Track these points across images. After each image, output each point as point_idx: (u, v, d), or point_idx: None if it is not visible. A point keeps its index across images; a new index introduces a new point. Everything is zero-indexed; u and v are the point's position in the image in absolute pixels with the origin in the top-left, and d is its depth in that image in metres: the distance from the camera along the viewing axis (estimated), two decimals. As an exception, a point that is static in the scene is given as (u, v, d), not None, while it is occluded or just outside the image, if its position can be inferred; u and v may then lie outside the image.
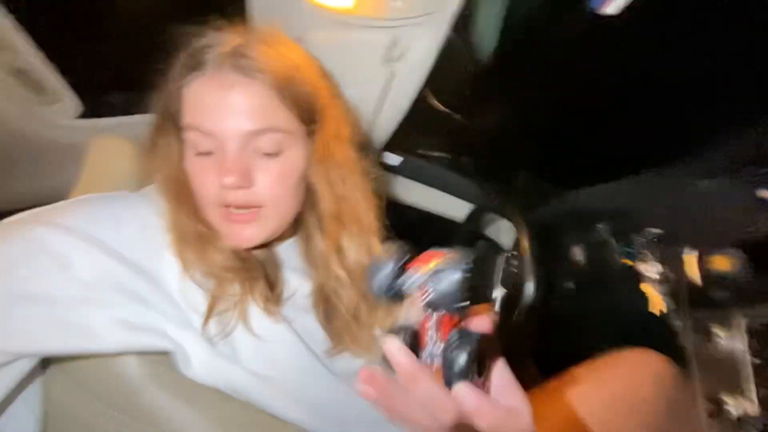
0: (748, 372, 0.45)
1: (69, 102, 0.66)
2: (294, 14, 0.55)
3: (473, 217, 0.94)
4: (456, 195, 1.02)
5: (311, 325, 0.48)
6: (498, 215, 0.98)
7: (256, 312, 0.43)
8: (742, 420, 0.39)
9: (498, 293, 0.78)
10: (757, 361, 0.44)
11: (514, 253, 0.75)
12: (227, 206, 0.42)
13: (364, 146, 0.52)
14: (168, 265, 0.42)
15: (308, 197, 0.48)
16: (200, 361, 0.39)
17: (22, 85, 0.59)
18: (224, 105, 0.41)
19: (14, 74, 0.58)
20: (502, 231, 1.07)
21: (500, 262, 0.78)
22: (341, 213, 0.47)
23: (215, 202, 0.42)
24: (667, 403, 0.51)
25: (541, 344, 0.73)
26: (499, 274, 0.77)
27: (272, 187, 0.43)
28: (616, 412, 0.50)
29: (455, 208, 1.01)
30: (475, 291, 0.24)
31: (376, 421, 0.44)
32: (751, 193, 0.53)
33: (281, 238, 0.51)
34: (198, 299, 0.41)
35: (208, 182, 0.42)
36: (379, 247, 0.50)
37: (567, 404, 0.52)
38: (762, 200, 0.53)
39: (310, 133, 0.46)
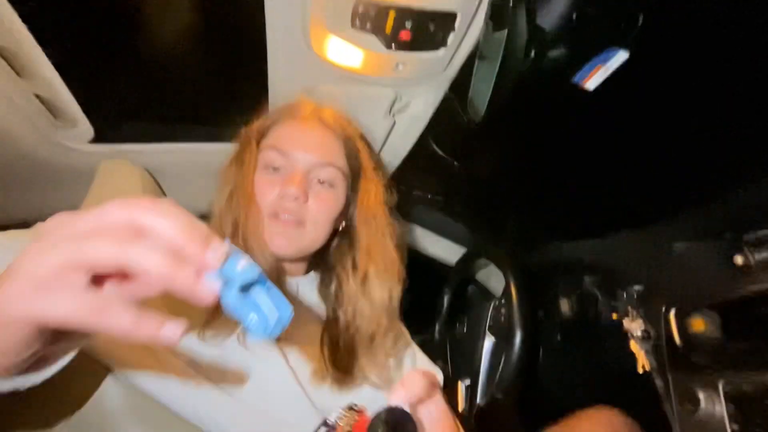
0: (728, 438, 0.45)
1: (83, 127, 0.69)
2: (308, 68, 0.60)
3: (464, 262, 0.96)
4: (448, 238, 1.04)
5: (310, 365, 0.49)
6: (488, 261, 1.01)
7: (248, 342, 0.44)
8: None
9: (487, 341, 0.78)
10: (736, 426, 0.45)
11: (503, 301, 0.76)
12: (278, 214, 0.51)
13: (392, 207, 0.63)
14: None
15: (342, 239, 0.58)
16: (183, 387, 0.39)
17: (40, 109, 0.62)
18: (305, 137, 0.54)
19: (34, 99, 0.61)
20: (492, 276, 1.09)
21: (489, 310, 0.79)
22: (373, 252, 0.55)
23: (269, 209, 0.51)
24: None
25: (527, 396, 0.72)
26: (487, 322, 0.78)
27: (318, 211, 0.52)
28: None
29: (447, 252, 1.04)
30: None
31: None
32: (728, 259, 0.56)
33: (298, 272, 0.58)
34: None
35: (272, 191, 0.51)
36: (399, 292, 0.56)
37: None
38: (736, 266, 0.56)
39: (354, 182, 0.58)
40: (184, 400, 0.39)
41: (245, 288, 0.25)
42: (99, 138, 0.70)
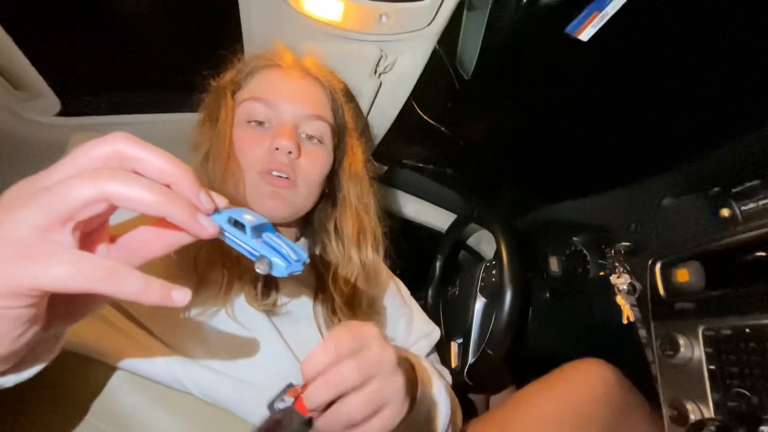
0: (704, 378, 0.48)
1: (47, 99, 0.65)
2: (285, 24, 0.56)
3: (455, 227, 0.96)
4: (439, 205, 1.04)
5: (306, 335, 0.48)
6: (479, 226, 1.01)
7: (240, 312, 0.43)
8: (699, 422, 0.42)
9: (478, 302, 0.80)
10: (712, 367, 0.47)
11: (494, 262, 0.78)
12: (270, 171, 0.46)
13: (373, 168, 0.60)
14: None
15: (326, 201, 0.55)
16: (168, 364, 0.38)
17: (0, 80, 0.58)
18: (291, 86, 0.49)
19: (-8, 69, 0.57)
20: (483, 241, 1.10)
21: (480, 272, 0.80)
22: (357, 213, 0.53)
23: (259, 167, 0.46)
24: (613, 409, 0.55)
25: (517, 350, 0.75)
26: (478, 284, 0.79)
27: (311, 169, 0.48)
28: (570, 423, 0.54)
29: (438, 219, 1.04)
30: None
31: None
32: (714, 212, 0.57)
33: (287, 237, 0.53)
34: None
35: (258, 147, 0.46)
36: (381, 254, 0.55)
37: (529, 413, 0.55)
38: (722, 218, 0.57)
39: (339, 140, 0.53)
40: (179, 380, 0.38)
41: (256, 234, 0.26)
42: (66, 111, 0.66)
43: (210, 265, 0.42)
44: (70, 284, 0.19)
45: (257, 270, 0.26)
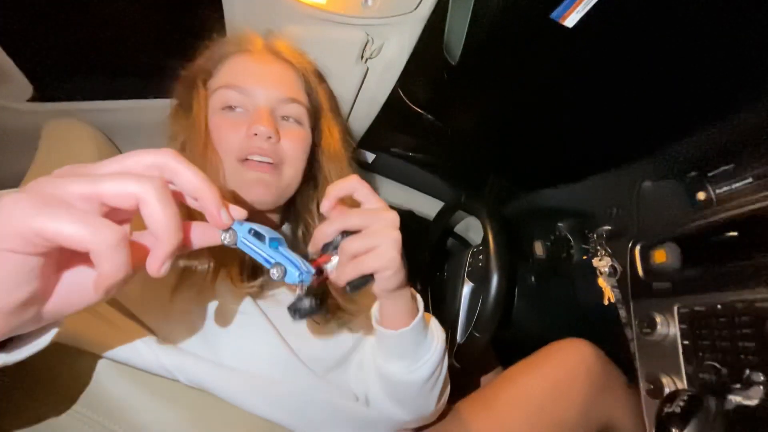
0: (679, 352, 0.50)
1: (19, 84, 0.62)
2: (270, 8, 0.54)
3: (443, 215, 0.97)
4: (428, 193, 1.05)
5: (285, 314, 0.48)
6: (467, 213, 1.02)
7: (227, 298, 0.43)
8: (672, 394, 0.44)
9: (466, 287, 0.81)
10: (686, 342, 0.50)
11: (481, 248, 0.79)
12: (249, 156, 0.46)
13: (350, 148, 0.59)
14: None
15: (308, 183, 0.54)
16: (153, 351, 0.38)
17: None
18: (262, 72, 0.49)
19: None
20: (471, 228, 1.12)
21: (467, 257, 0.81)
22: None
23: (237, 153, 0.46)
24: (593, 385, 0.58)
25: (503, 333, 0.77)
26: (466, 269, 0.81)
27: (294, 150, 0.48)
28: (552, 398, 0.57)
29: (426, 206, 1.04)
30: None
31: (349, 422, 0.45)
32: (691, 195, 0.60)
33: (273, 224, 0.53)
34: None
35: (235, 133, 0.46)
36: None
37: (514, 391, 0.57)
38: (699, 201, 0.59)
39: (315, 121, 0.53)
40: (165, 367, 0.38)
41: (273, 244, 0.29)
42: (40, 96, 0.63)
43: (196, 252, 0.42)
44: (77, 239, 0.20)
45: (272, 276, 0.29)
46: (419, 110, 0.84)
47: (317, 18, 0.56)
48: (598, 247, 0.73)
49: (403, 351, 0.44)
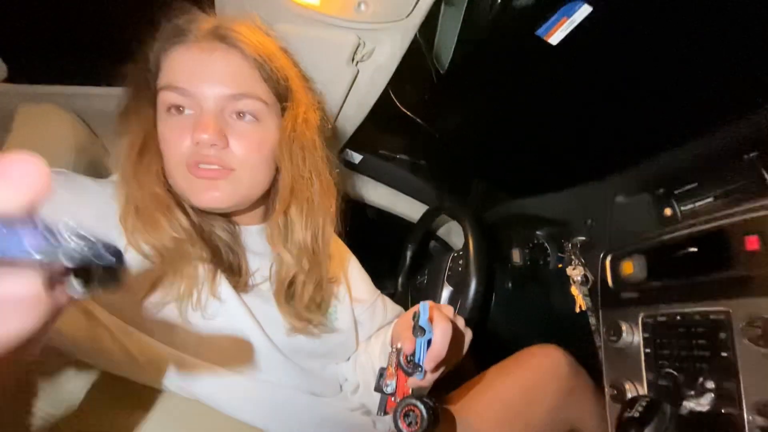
0: (641, 360, 0.53)
1: (-9, 64, 0.59)
2: (262, 5, 0.54)
3: (426, 218, 0.98)
4: (413, 196, 1.06)
5: (274, 313, 0.47)
6: (449, 217, 1.04)
7: (212, 299, 0.42)
8: (633, 399, 0.47)
9: (445, 290, 0.83)
10: (648, 350, 0.53)
11: (461, 253, 0.81)
12: (197, 164, 0.43)
13: (329, 137, 0.54)
14: None
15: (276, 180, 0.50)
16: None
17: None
18: (205, 68, 0.43)
19: None
20: (453, 232, 1.14)
21: (448, 262, 0.83)
22: (296, 188, 0.48)
23: (186, 160, 0.43)
24: (565, 389, 0.61)
25: (480, 337, 0.79)
26: (446, 273, 0.82)
27: (246, 152, 0.44)
28: (524, 401, 0.59)
29: (411, 209, 1.06)
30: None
31: (336, 425, 0.46)
32: (659, 211, 0.63)
33: (249, 221, 0.51)
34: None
35: (181, 140, 0.42)
36: (331, 233, 0.52)
37: (488, 394, 0.59)
38: (665, 216, 0.62)
39: (282, 111, 0.48)
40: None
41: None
42: (14, 77, 0.61)
43: (180, 256, 0.41)
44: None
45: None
46: (408, 113, 0.85)
47: (310, 18, 0.56)
48: (573, 257, 0.76)
49: None
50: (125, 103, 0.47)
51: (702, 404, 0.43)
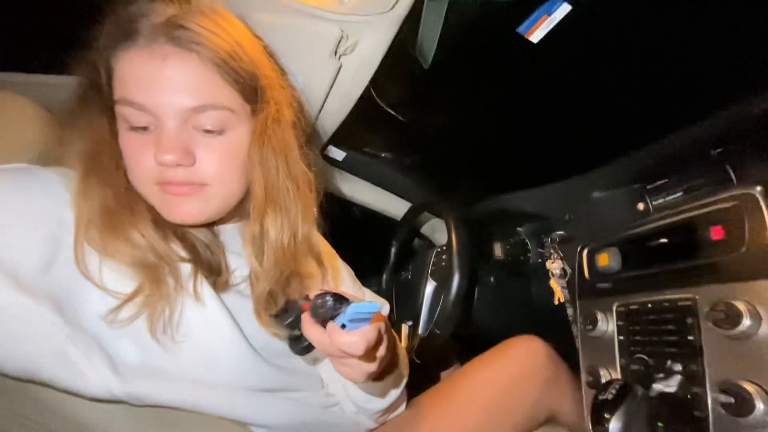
0: (615, 346, 0.55)
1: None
2: (240, -8, 0.53)
3: (410, 215, 0.99)
4: (396, 193, 1.06)
5: (246, 309, 0.46)
6: (432, 214, 1.05)
7: (191, 305, 0.41)
8: (607, 383, 0.49)
9: (429, 286, 0.84)
10: (621, 337, 0.55)
11: (444, 248, 0.82)
12: (168, 182, 0.40)
13: (307, 134, 0.51)
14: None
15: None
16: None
17: None
18: (159, 79, 0.38)
19: None
20: (437, 229, 1.15)
21: (431, 257, 0.84)
22: (269, 189, 0.45)
23: (153, 179, 0.40)
24: (545, 378, 0.63)
25: (463, 330, 0.81)
26: (429, 268, 0.83)
27: (216, 166, 0.41)
28: (505, 391, 0.61)
29: (394, 206, 1.06)
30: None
31: (317, 426, 0.47)
32: (633, 205, 0.66)
33: (227, 220, 0.49)
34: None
35: (145, 159, 0.39)
36: (314, 234, 0.50)
37: (470, 385, 0.60)
38: (638, 210, 0.65)
39: (255, 113, 0.44)
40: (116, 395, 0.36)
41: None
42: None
43: (158, 257, 0.40)
44: None
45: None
46: (390, 111, 0.85)
47: (291, 9, 0.55)
48: (552, 251, 0.78)
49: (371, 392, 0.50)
50: (72, 111, 0.42)
51: (670, 385, 0.45)
